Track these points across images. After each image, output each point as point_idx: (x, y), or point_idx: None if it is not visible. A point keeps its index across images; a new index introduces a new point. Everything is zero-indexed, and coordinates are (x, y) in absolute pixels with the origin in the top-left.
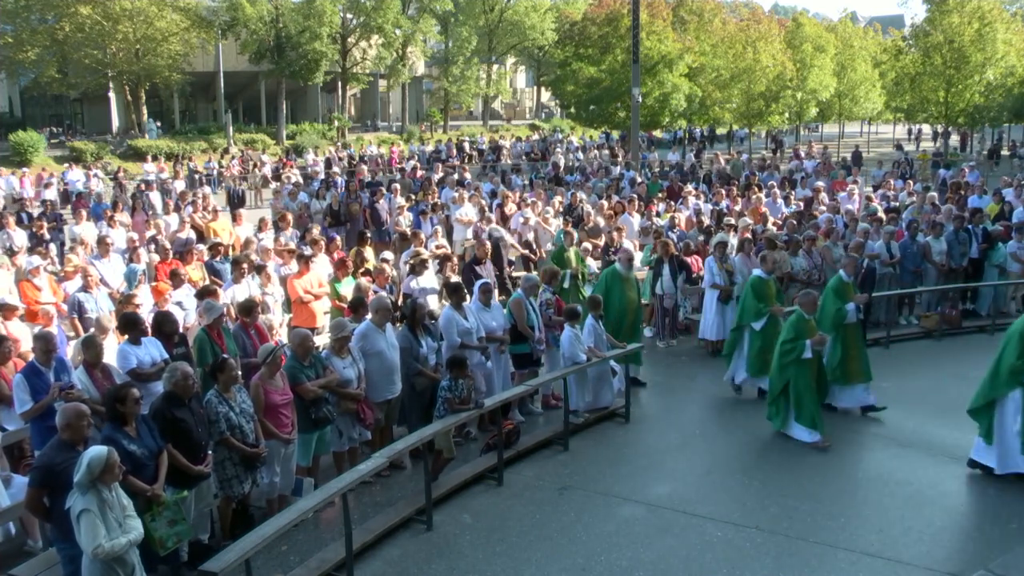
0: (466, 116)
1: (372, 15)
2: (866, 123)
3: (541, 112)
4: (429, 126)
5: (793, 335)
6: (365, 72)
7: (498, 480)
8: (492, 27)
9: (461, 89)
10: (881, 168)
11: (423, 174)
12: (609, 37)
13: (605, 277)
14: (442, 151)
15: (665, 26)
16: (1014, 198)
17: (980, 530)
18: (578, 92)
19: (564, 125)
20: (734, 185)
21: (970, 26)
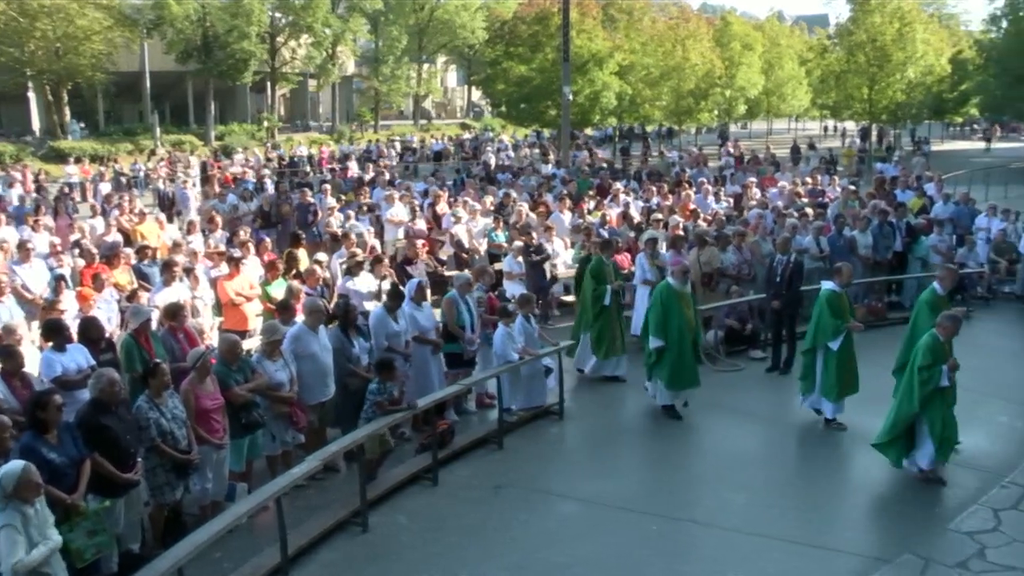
0: (397, 116)
1: (301, 14)
2: (793, 120)
3: (472, 111)
4: (360, 126)
5: (930, 360)
6: (295, 72)
7: (433, 480)
8: (422, 26)
9: (392, 89)
10: (808, 164)
11: (355, 174)
12: (539, 36)
13: (660, 295)
14: (373, 151)
15: (595, 25)
16: (936, 193)
17: (906, 515)
18: (509, 91)
19: (495, 124)
20: (664, 182)
21: (891, 26)
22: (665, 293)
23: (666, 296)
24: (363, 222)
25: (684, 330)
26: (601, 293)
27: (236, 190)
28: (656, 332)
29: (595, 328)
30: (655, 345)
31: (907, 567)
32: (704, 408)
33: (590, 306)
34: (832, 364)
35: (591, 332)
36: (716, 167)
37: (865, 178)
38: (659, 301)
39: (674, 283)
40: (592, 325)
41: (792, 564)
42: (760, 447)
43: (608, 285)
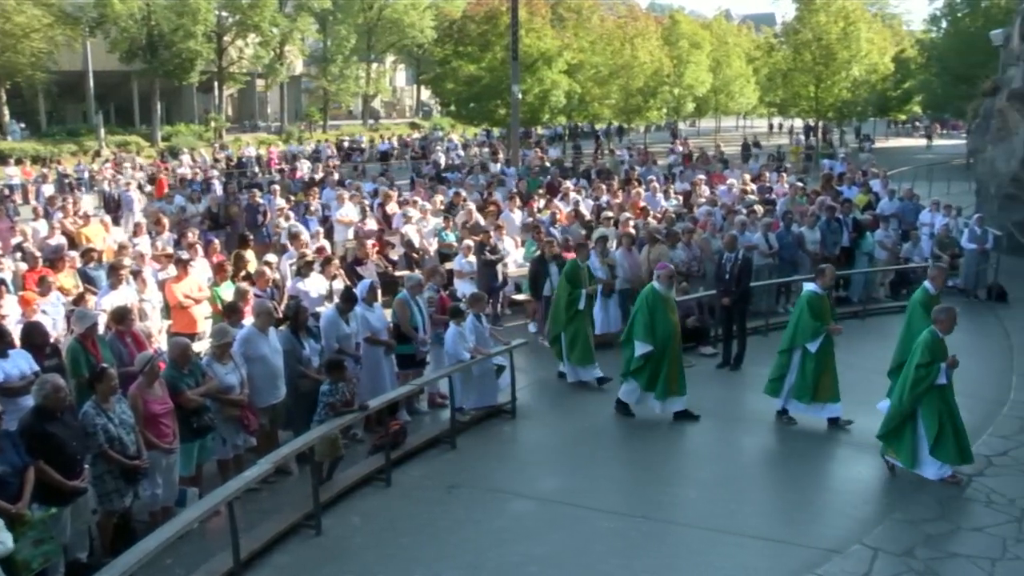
0: (346, 115)
1: (248, 13)
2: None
3: (421, 110)
4: (308, 126)
5: (929, 358)
6: (242, 71)
7: (386, 481)
8: (371, 25)
9: (340, 88)
10: (757, 162)
11: (304, 174)
12: (488, 35)
13: (646, 299)
14: (322, 151)
15: (544, 23)
16: (881, 189)
17: (855, 507)
18: (458, 90)
19: (444, 123)
20: (614, 180)
21: (836, 25)
22: (651, 297)
23: (652, 300)
24: (312, 223)
25: (670, 335)
26: (576, 297)
27: (184, 191)
28: (644, 337)
29: (568, 332)
30: (643, 351)
31: (857, 557)
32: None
33: (563, 310)
34: (809, 366)
35: (565, 336)
36: (665, 165)
37: (812, 175)
38: (645, 305)
39: (660, 287)
40: (566, 329)
41: (745, 558)
42: (712, 443)
43: (583, 289)
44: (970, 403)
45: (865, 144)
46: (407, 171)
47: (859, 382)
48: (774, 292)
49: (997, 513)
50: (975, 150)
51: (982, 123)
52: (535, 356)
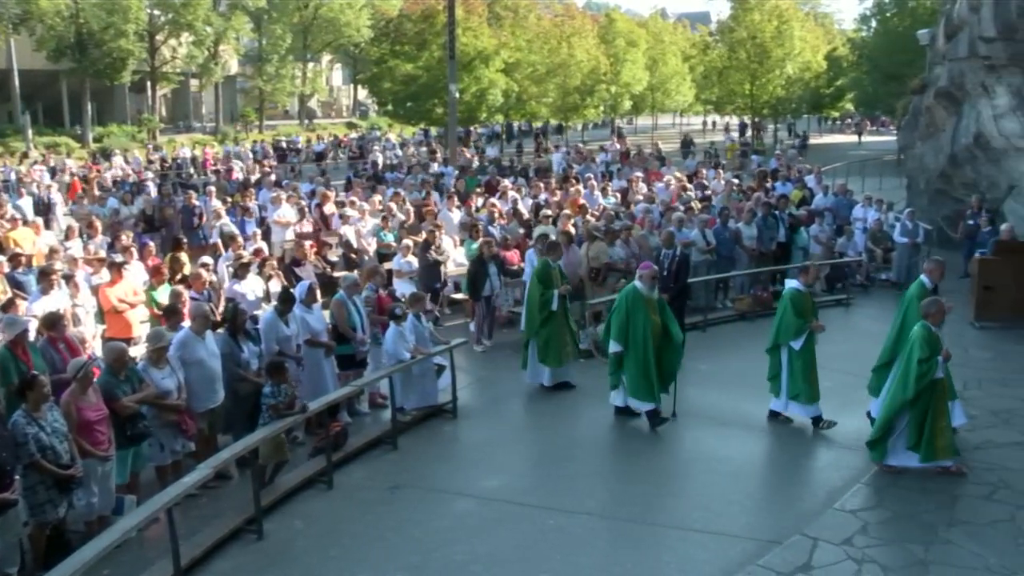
0: (282, 115)
1: (181, 12)
2: (678, 115)
3: (358, 110)
4: (244, 126)
5: (928, 352)
6: (176, 71)
7: (328, 483)
8: (307, 24)
9: (276, 88)
10: (694, 159)
11: (240, 175)
12: (425, 34)
13: (625, 298)
14: (258, 151)
15: (481, 22)
16: (815, 185)
17: (795, 498)
18: (395, 89)
19: (382, 123)
20: (551, 178)
21: (770, 23)
22: (631, 297)
23: (632, 300)
24: (249, 224)
25: (649, 336)
26: (548, 298)
27: (116, 193)
28: (617, 336)
29: (542, 335)
30: (613, 350)
31: (797, 547)
32: (595, 401)
33: (536, 312)
34: (797, 365)
35: (538, 340)
36: (603, 162)
37: (748, 171)
38: (623, 305)
39: (642, 287)
40: (539, 332)
41: (688, 551)
42: (652, 438)
43: (555, 289)
44: None
45: (794, 141)
46: (344, 171)
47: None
48: (712, 288)
49: (930, 500)
50: (905, 146)
51: (911, 120)
52: (475, 355)
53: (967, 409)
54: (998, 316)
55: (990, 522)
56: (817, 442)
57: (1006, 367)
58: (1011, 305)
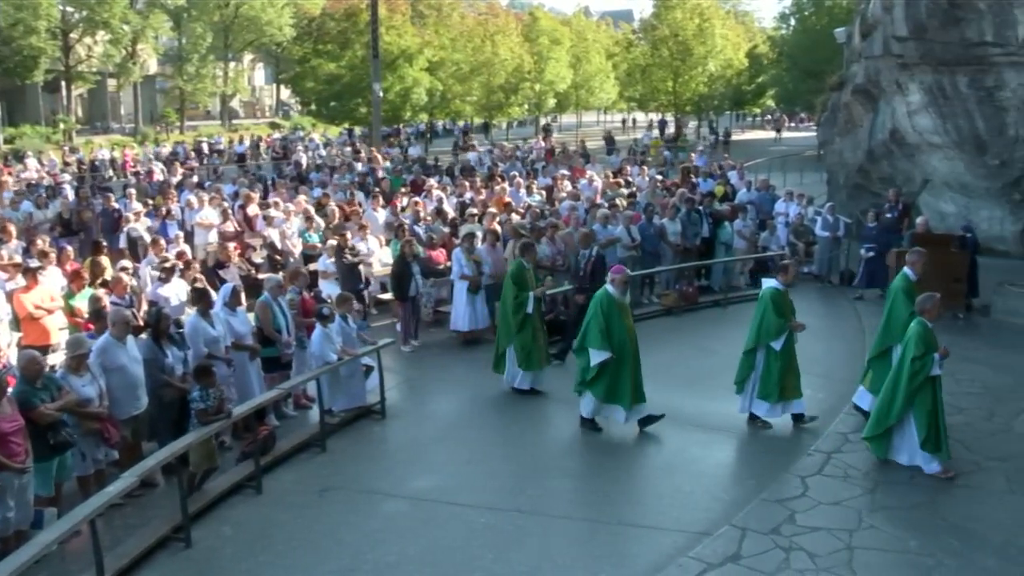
0: (204, 116)
1: (96, 9)
2: (602, 112)
3: (281, 110)
4: (165, 127)
5: (923, 349)
6: (92, 70)
7: (257, 488)
8: (228, 23)
9: (197, 88)
10: (617, 156)
11: (161, 177)
12: (348, 32)
13: (600, 304)
14: (179, 152)
15: (404, 21)
16: (737, 181)
17: (724, 490)
18: (318, 89)
19: (305, 123)
20: (477, 177)
21: (692, 21)
22: (605, 302)
23: (607, 305)
24: (170, 227)
25: (625, 341)
26: (523, 300)
27: (31, 196)
28: (600, 344)
29: (520, 339)
30: (600, 359)
31: (727, 538)
32: (524, 398)
33: (512, 315)
34: (775, 365)
35: (516, 344)
36: (528, 160)
37: (671, 168)
38: (599, 311)
39: (614, 292)
40: (516, 336)
41: (620, 545)
42: (580, 434)
43: (530, 292)
44: (826, 383)
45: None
46: (268, 172)
47: (724, 368)
48: (638, 283)
49: (853, 486)
50: (825, 142)
51: (830, 116)
52: (403, 355)
53: None
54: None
55: (911, 506)
56: (744, 435)
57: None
58: None
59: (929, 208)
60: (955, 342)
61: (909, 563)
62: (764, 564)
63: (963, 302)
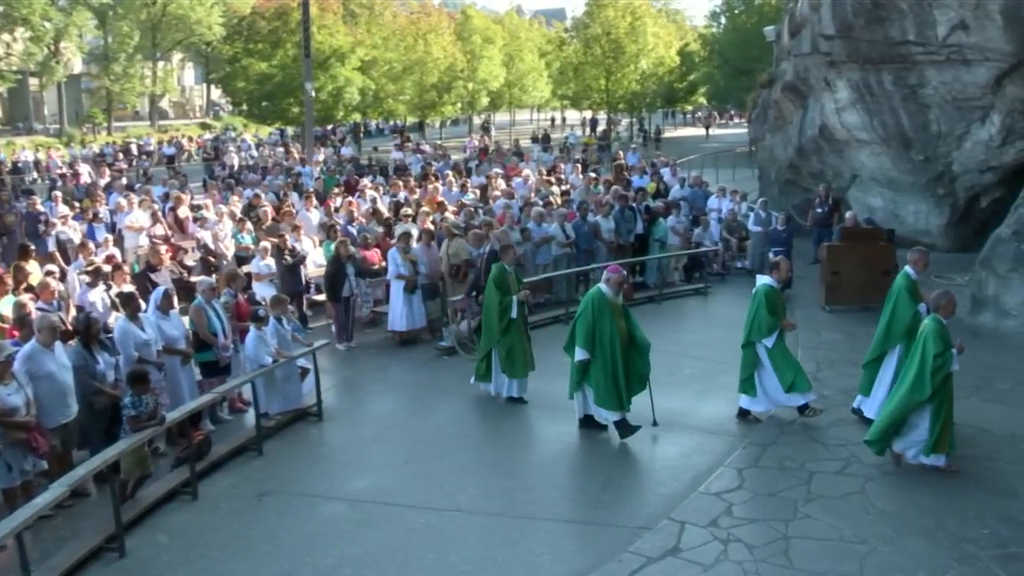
0: (132, 116)
1: (14, 5)
2: (535, 111)
3: (212, 110)
4: (91, 128)
5: (942, 346)
6: (11, 69)
7: (193, 494)
8: (155, 22)
9: (125, 88)
10: (551, 154)
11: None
12: (279, 32)
13: (591, 303)
14: (108, 154)
15: (336, 20)
16: (671, 178)
17: (662, 484)
18: (249, 88)
19: (237, 123)
20: (410, 176)
21: (624, 19)
22: (597, 302)
23: (598, 305)
24: (99, 230)
25: (616, 343)
26: (507, 305)
27: None
28: (583, 343)
29: (504, 345)
30: (580, 358)
31: (666, 532)
32: (460, 398)
33: (496, 321)
34: (779, 361)
35: (500, 349)
36: (462, 159)
37: (605, 165)
38: (589, 310)
39: (607, 292)
40: (500, 341)
41: (560, 542)
42: (518, 432)
43: (513, 296)
44: None
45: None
46: (200, 173)
47: (660, 364)
48: (573, 281)
49: (789, 478)
50: (756, 138)
51: (761, 113)
52: (339, 357)
53: (820, 390)
54: (846, 300)
55: (843, 495)
56: (680, 429)
57: (855, 348)
58: (857, 289)
59: (858, 203)
60: None
61: (844, 551)
62: (703, 556)
63: None
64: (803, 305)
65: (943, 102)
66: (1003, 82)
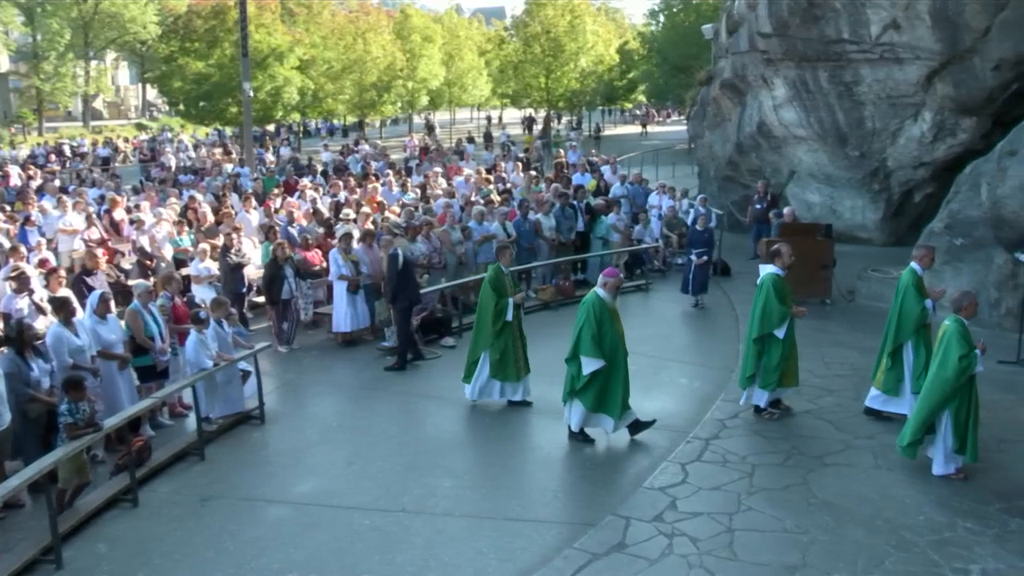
0: (64, 117)
1: None
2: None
3: (148, 110)
4: (21, 128)
5: (967, 348)
6: None
7: (133, 501)
8: (87, 19)
9: (56, 87)
10: (492, 152)
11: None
12: (216, 30)
13: (592, 309)
14: (39, 155)
15: (274, 18)
16: (611, 175)
17: (606, 480)
18: (186, 88)
19: (174, 123)
20: (350, 176)
21: (563, 18)
22: (598, 307)
23: (599, 310)
24: (31, 234)
25: (618, 347)
26: (503, 307)
27: None
28: (592, 351)
29: (496, 348)
30: (594, 367)
31: (611, 527)
32: (403, 397)
33: (490, 323)
34: (776, 353)
35: (491, 353)
36: (402, 158)
37: (546, 163)
38: (593, 316)
39: (606, 296)
40: (494, 344)
41: (505, 540)
42: (461, 431)
43: (509, 298)
44: (703, 371)
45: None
46: (136, 175)
47: None
48: (515, 279)
49: (732, 471)
50: (695, 135)
51: (700, 110)
52: (280, 359)
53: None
54: None
55: (785, 487)
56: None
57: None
58: (795, 284)
59: (796, 199)
60: (823, 327)
61: (786, 541)
62: (648, 551)
63: (830, 288)
64: (743, 300)
65: (877, 99)
66: (933, 80)
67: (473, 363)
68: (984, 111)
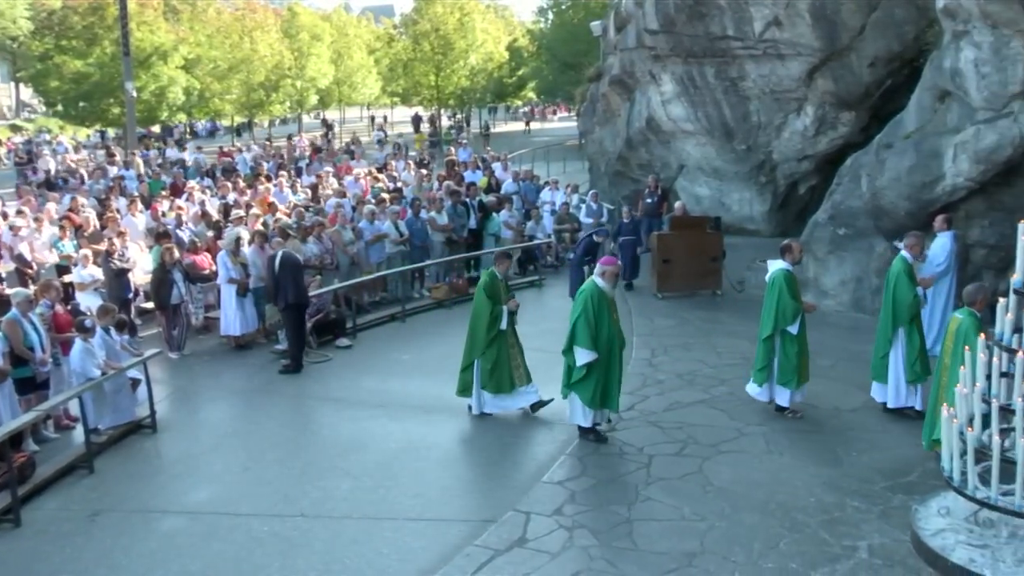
0: None
1: None
2: (365, 108)
3: (23, 111)
4: None
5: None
6: None
7: (15, 521)
8: None
9: None
10: (383, 151)
11: None
12: (95, 28)
13: (589, 299)
14: None
15: (157, 16)
16: (502, 172)
17: (505, 476)
18: (64, 88)
19: (52, 124)
20: (239, 177)
21: (452, 16)
22: (595, 297)
23: (596, 301)
24: None
25: (614, 340)
26: (498, 315)
27: None
28: (587, 343)
29: (488, 356)
30: (587, 359)
31: (512, 523)
32: (298, 401)
33: (484, 331)
34: (792, 350)
35: (483, 362)
36: (293, 158)
37: (437, 161)
38: (589, 307)
39: (604, 286)
40: (485, 353)
41: (405, 540)
42: (357, 432)
43: (504, 306)
44: None
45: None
46: (11, 178)
47: None
48: (408, 278)
49: (629, 462)
50: (585, 131)
51: (589, 107)
52: (171, 365)
53: (655, 375)
54: (677, 287)
55: (682, 475)
56: (521, 420)
57: (687, 333)
58: (686, 276)
59: (685, 192)
60: (714, 318)
61: (684, 529)
62: (549, 545)
63: (721, 280)
64: (636, 293)
65: (762, 94)
66: (814, 76)
67: (465, 370)
68: (862, 106)
